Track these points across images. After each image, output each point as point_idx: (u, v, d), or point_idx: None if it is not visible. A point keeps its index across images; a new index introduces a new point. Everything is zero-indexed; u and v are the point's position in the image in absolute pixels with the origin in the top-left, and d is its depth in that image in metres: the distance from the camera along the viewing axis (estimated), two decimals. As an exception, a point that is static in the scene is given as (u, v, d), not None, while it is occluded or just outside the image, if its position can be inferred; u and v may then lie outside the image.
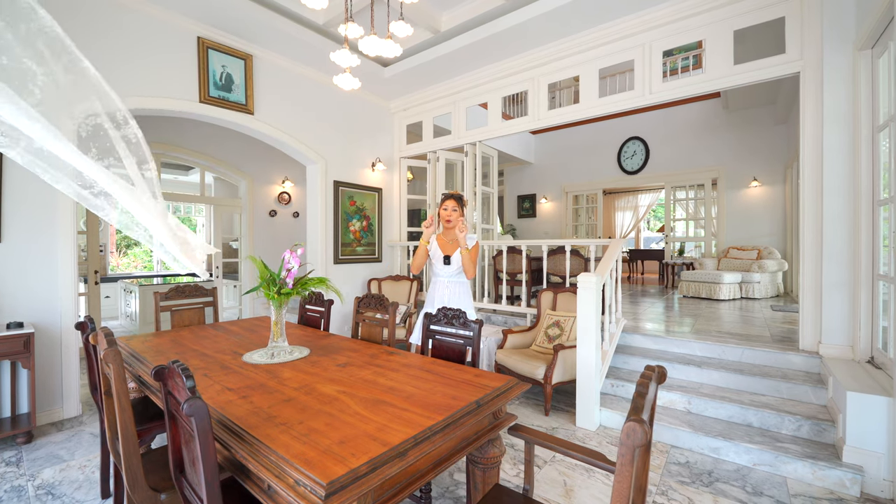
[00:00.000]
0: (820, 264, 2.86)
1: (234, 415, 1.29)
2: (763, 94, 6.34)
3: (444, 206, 2.65)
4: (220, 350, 2.10)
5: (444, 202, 2.66)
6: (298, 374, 1.69)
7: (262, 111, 4.19)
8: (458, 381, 1.61)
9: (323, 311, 2.81)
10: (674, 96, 3.48)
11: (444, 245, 2.72)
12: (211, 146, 5.89)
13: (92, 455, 2.50)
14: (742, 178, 7.05)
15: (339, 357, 1.97)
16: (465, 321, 2.07)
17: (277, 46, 4.11)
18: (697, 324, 4.10)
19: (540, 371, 3.08)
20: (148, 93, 3.40)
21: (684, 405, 2.83)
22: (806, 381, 2.70)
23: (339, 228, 4.99)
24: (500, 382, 1.60)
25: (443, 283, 2.74)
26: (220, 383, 1.59)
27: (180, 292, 3.10)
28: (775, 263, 6.02)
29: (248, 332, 2.56)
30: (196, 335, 2.47)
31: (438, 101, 5.12)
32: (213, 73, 3.83)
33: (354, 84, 2.37)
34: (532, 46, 4.11)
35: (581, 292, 2.89)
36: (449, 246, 2.71)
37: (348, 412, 1.31)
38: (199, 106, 3.73)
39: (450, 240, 2.72)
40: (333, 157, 4.90)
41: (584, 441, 2.68)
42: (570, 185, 9.08)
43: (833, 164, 2.77)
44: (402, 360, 1.91)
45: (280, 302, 1.97)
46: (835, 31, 2.76)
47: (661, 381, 1.06)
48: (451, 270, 2.69)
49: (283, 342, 2.01)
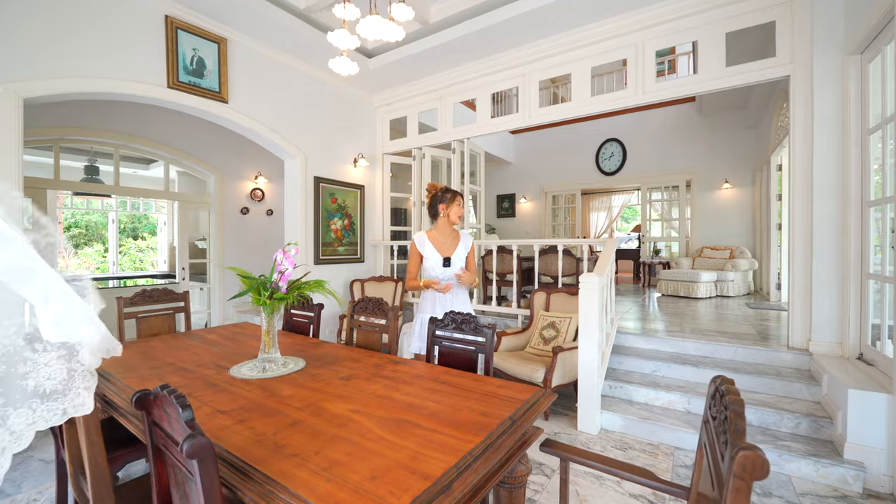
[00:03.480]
0: (810, 264, 2.93)
1: (233, 445, 1.09)
2: (735, 100, 6.59)
3: (458, 202, 2.42)
4: (200, 363, 1.86)
5: (458, 198, 2.43)
6: (299, 391, 1.50)
7: (238, 100, 3.87)
8: (482, 394, 1.47)
9: (312, 317, 2.60)
10: (667, 96, 3.49)
11: (441, 246, 2.44)
12: (176, 137, 5.44)
13: (43, 486, 2.18)
14: (714, 180, 7.30)
15: (340, 369, 1.78)
16: (477, 326, 1.93)
17: (255, 30, 3.81)
18: (684, 322, 4.15)
19: (539, 374, 2.99)
20: (107, 74, 3.04)
21: (684, 405, 2.82)
22: (799, 379, 2.75)
23: (320, 227, 4.72)
24: (528, 393, 1.47)
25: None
26: (210, 405, 1.37)
27: (147, 297, 2.79)
28: (747, 262, 6.26)
29: (229, 341, 2.31)
30: (169, 346, 2.20)
31: (425, 95, 4.95)
32: (183, 56, 3.50)
33: (352, 69, 2.18)
34: (524, 42, 4.03)
35: (583, 293, 2.82)
36: (446, 246, 2.45)
37: (370, 437, 1.14)
38: (168, 92, 3.39)
39: (445, 239, 2.46)
40: (314, 152, 4.63)
41: (587, 446, 2.61)
42: (549, 186, 9.14)
43: (823, 166, 2.84)
44: (412, 371, 1.75)
45: (272, 308, 1.76)
46: (825, 37, 2.83)
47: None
48: (450, 273, 2.42)
49: (275, 353, 1.80)
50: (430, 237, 2.44)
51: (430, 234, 2.46)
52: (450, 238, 2.46)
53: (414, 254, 2.44)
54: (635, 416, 2.76)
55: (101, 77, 3.02)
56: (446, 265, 2.41)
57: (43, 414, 0.66)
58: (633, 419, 2.74)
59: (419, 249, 2.42)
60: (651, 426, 2.68)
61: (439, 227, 2.46)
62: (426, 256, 2.42)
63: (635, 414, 2.79)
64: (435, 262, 2.40)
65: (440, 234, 2.45)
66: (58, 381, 0.68)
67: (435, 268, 2.41)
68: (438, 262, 2.40)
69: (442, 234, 2.45)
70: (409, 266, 2.45)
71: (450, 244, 2.45)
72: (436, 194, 2.46)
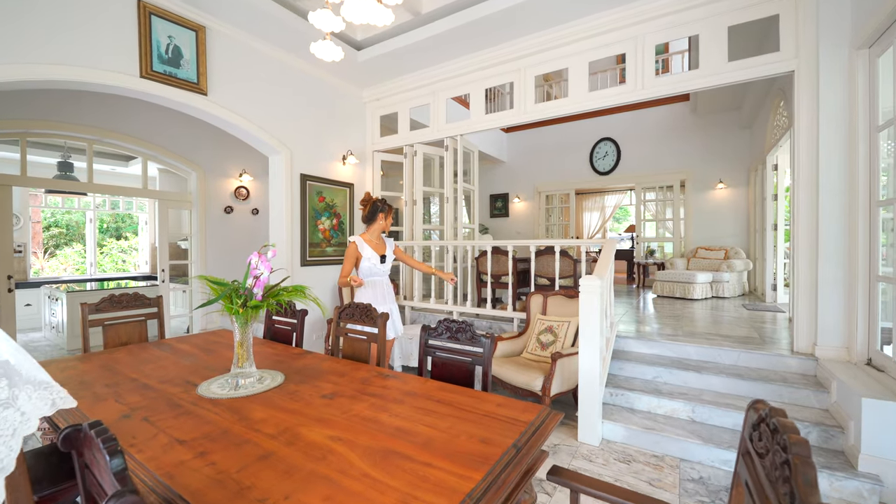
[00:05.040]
0: (815, 265, 2.83)
1: (188, 487, 0.91)
2: (729, 100, 6.54)
3: (392, 213, 2.97)
4: (167, 379, 1.67)
5: (392, 210, 2.97)
6: (275, 413, 1.32)
7: (218, 92, 3.66)
8: (481, 415, 1.31)
9: (295, 324, 2.41)
10: (668, 92, 3.38)
11: (375, 247, 2.89)
12: (154, 132, 5.19)
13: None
14: (708, 180, 7.26)
15: (322, 384, 1.61)
16: (473, 335, 1.77)
17: (236, 18, 3.60)
18: (683, 325, 4.05)
19: (537, 383, 2.84)
20: (74, 61, 2.81)
21: (688, 414, 2.70)
22: (806, 385, 2.65)
23: (307, 227, 4.52)
24: (531, 413, 1.32)
25: (379, 282, 2.89)
26: (168, 432, 1.19)
27: (115, 303, 2.58)
28: (742, 263, 6.21)
29: (203, 352, 2.12)
30: (136, 358, 2.00)
31: (416, 90, 4.78)
32: (158, 43, 3.27)
33: (336, 54, 1.99)
34: (519, 35, 3.88)
35: (583, 296, 2.68)
36: (380, 247, 2.91)
37: (352, 473, 0.97)
38: (140, 81, 3.17)
39: (378, 241, 2.93)
40: (300, 148, 4.42)
41: (589, 458, 2.47)
42: (543, 185, 9.03)
43: (829, 164, 2.74)
44: (402, 386, 1.58)
45: (246, 318, 1.58)
46: (831, 30, 2.73)
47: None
48: (386, 268, 2.91)
49: (250, 367, 1.62)
50: (365, 240, 2.86)
51: (364, 237, 2.88)
52: (380, 240, 2.94)
53: (352, 255, 2.79)
54: (638, 425, 2.63)
55: (71, 65, 2.79)
56: (383, 262, 2.88)
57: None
58: (636, 429, 2.61)
59: (359, 251, 2.80)
60: (655, 436, 2.55)
61: (373, 232, 2.89)
62: (366, 256, 2.82)
63: (638, 423, 2.65)
64: (375, 260, 2.83)
65: (373, 237, 2.90)
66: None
67: (375, 265, 2.83)
68: (377, 260, 2.84)
69: (375, 238, 2.91)
70: (345, 267, 2.78)
71: (381, 245, 2.92)
72: (376, 203, 2.88)
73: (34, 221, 8.99)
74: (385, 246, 2.93)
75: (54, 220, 9.54)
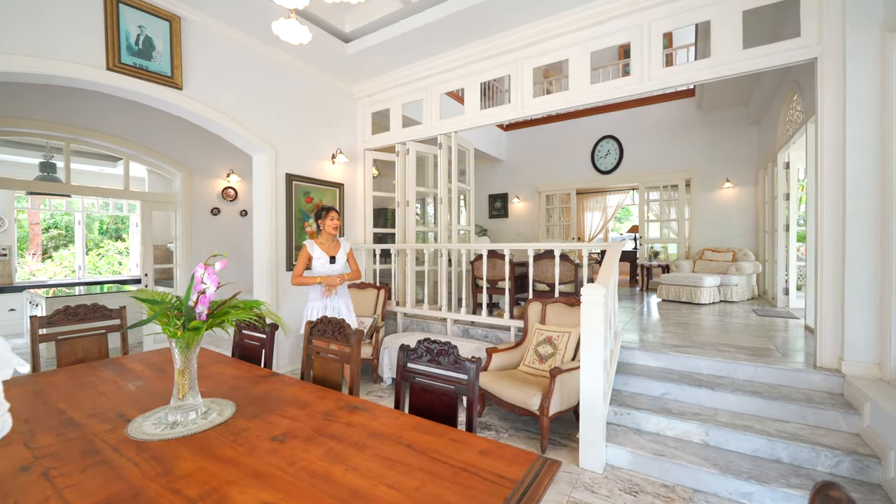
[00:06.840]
0: (841, 271, 2.57)
1: None
2: (736, 95, 6.26)
3: (332, 216, 3.07)
4: (98, 412, 1.43)
5: (332, 213, 3.08)
6: (206, 465, 1.08)
7: (194, 86, 3.42)
8: (458, 469, 1.06)
9: (264, 339, 2.17)
10: (677, 83, 3.12)
11: (326, 248, 3.08)
12: (137, 131, 4.97)
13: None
14: (715, 179, 6.98)
15: (277, 420, 1.37)
16: (457, 359, 1.53)
17: (213, 7, 3.37)
18: (692, 333, 3.79)
19: (535, 400, 2.59)
20: (31, 51, 2.58)
21: (701, 437, 2.44)
22: (833, 406, 2.38)
23: (293, 229, 4.29)
24: (519, 465, 1.07)
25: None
26: (64, 494, 0.95)
27: (71, 315, 2.35)
28: (751, 265, 5.93)
29: (155, 373, 1.88)
30: (76, 381, 1.76)
31: (409, 85, 4.54)
32: (127, 34, 3.04)
33: (303, 36, 1.74)
34: (517, 24, 3.63)
35: (586, 307, 2.42)
36: (330, 249, 3.10)
37: (275, 570, 0.72)
38: (107, 74, 2.94)
39: (329, 243, 3.11)
40: (285, 146, 4.18)
41: (592, 489, 2.21)
42: (543, 185, 8.76)
43: (858, 160, 2.48)
44: (370, 424, 1.34)
45: (187, 341, 1.33)
46: (859, 12, 2.47)
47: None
48: (337, 269, 3.09)
49: (193, 399, 1.38)
50: (317, 242, 3.09)
51: (317, 240, 3.11)
52: (332, 243, 3.14)
53: (304, 256, 3.02)
54: (646, 449, 2.38)
55: (29, 55, 2.57)
56: (332, 262, 3.07)
57: None
58: (644, 454, 2.35)
59: (309, 251, 3.03)
60: (664, 463, 2.30)
61: (323, 235, 3.11)
62: (315, 257, 3.03)
63: (646, 447, 2.40)
64: (324, 260, 3.04)
65: (324, 240, 3.11)
66: None
67: (324, 265, 3.04)
68: (326, 261, 3.05)
69: (326, 240, 3.11)
70: (297, 267, 3.01)
71: (333, 247, 3.12)
72: (318, 211, 3.09)
73: (33, 223, 8.81)
74: (338, 247, 3.15)
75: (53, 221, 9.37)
